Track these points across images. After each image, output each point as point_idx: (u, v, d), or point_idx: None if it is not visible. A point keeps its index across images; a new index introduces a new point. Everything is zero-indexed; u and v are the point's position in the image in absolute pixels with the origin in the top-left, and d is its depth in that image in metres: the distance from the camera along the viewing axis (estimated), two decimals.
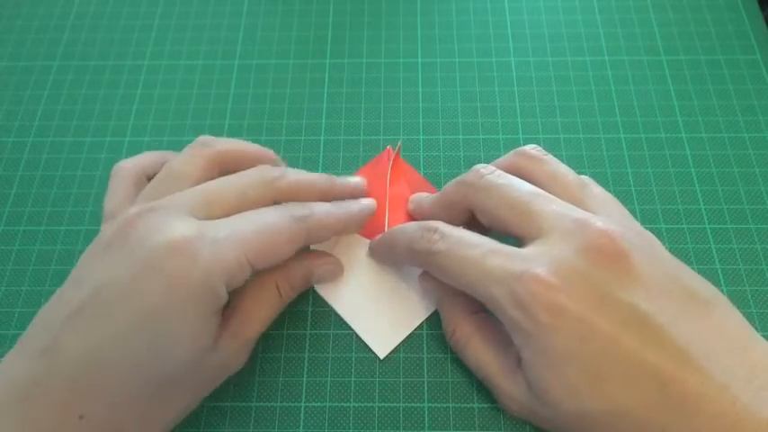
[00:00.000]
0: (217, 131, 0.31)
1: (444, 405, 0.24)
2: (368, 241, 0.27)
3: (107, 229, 0.20)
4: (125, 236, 0.19)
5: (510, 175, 0.23)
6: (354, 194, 0.26)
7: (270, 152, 0.26)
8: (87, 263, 0.20)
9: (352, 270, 0.26)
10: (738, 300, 0.26)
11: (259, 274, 0.22)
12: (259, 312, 0.22)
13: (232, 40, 0.34)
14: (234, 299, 0.22)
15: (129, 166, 0.25)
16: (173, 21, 0.35)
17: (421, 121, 0.31)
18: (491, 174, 0.23)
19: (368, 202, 0.25)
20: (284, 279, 0.23)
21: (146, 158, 0.26)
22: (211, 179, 0.22)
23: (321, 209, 0.23)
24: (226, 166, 0.24)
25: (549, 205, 0.21)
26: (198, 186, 0.22)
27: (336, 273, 0.26)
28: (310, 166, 0.30)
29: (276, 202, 0.22)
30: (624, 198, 0.28)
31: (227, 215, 0.21)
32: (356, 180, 0.26)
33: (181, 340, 0.19)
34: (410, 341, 0.25)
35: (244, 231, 0.20)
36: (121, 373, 0.18)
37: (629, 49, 0.33)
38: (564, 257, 0.19)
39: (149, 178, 0.25)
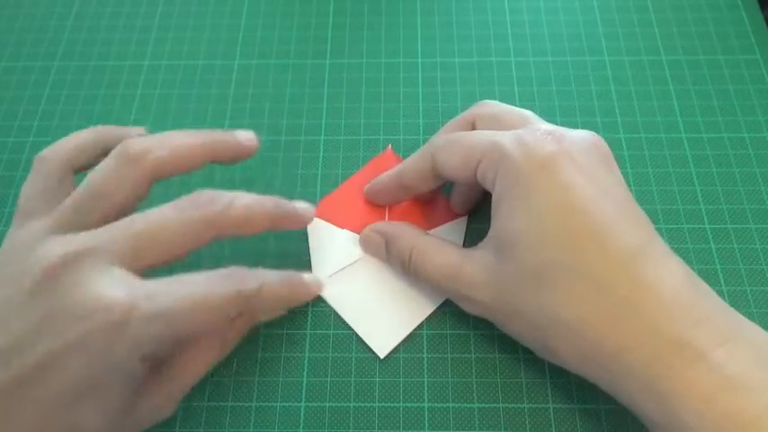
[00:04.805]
0: None
1: (444, 405, 0.24)
2: None
3: (27, 270, 0.18)
4: (47, 288, 0.18)
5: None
6: (301, 222, 0.24)
7: (215, 135, 0.23)
8: (2, 303, 0.18)
9: (352, 270, 0.26)
10: (738, 300, 0.26)
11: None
12: (193, 369, 0.21)
13: (232, 40, 0.34)
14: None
15: (52, 157, 0.22)
16: (173, 21, 0.35)
17: (421, 121, 0.31)
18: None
19: (314, 284, 0.25)
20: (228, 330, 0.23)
21: (70, 145, 0.23)
22: (140, 197, 0.21)
23: (270, 283, 0.21)
24: (160, 179, 0.21)
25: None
26: (127, 224, 0.19)
27: (278, 307, 0.24)
28: (310, 166, 0.30)
29: (217, 236, 0.20)
30: None
31: (162, 260, 0.19)
32: (304, 206, 0.24)
33: (94, 417, 0.18)
34: (410, 341, 0.25)
35: (178, 305, 0.18)
36: None
37: (629, 49, 0.33)
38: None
39: (78, 169, 0.23)
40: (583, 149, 0.21)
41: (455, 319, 0.26)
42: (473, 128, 0.25)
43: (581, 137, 0.21)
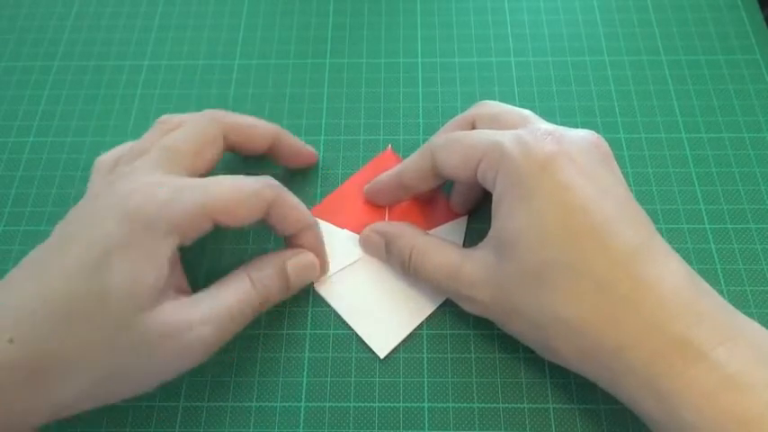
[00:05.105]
0: None
1: (444, 405, 0.24)
2: None
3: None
4: (97, 195, 0.21)
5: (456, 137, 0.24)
6: (301, 155, 0.28)
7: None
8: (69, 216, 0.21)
9: (352, 270, 0.26)
10: (738, 300, 0.26)
11: (232, 271, 0.23)
12: (225, 295, 0.21)
13: (232, 40, 0.34)
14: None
15: (107, 158, 0.25)
16: (173, 21, 0.35)
17: (421, 121, 0.31)
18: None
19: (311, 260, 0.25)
20: (257, 271, 0.23)
21: (122, 150, 0.26)
22: None
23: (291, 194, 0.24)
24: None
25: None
26: (162, 141, 0.23)
27: (312, 267, 0.24)
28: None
29: (229, 144, 0.25)
30: None
31: (190, 161, 0.23)
32: (309, 149, 0.29)
33: (123, 272, 0.19)
34: (410, 341, 0.25)
35: (209, 183, 0.21)
36: (59, 300, 0.18)
37: (629, 49, 0.33)
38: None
39: None
40: (583, 149, 0.21)
41: (455, 319, 0.26)
42: (473, 128, 0.25)
43: (581, 136, 0.21)
